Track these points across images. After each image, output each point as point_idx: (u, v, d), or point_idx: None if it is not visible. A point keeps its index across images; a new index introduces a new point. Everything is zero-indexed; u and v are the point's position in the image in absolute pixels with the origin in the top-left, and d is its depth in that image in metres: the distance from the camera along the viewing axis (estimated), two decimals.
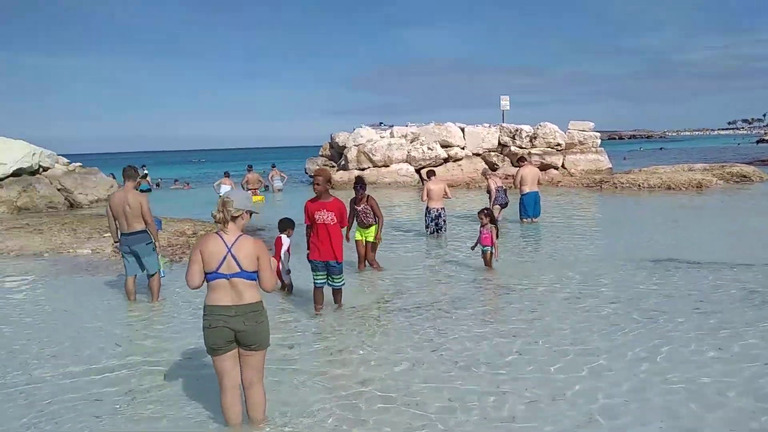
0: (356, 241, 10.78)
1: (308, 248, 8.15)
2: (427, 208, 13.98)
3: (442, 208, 13.89)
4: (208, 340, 4.81)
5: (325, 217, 7.83)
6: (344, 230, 8.90)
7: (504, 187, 15.75)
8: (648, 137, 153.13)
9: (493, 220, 10.50)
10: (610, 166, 32.30)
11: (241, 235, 4.88)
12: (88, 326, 7.97)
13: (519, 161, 16.85)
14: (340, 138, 32.50)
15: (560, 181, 26.57)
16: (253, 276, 4.84)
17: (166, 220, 16.03)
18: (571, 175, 29.02)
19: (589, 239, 13.31)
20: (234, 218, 4.87)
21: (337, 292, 8.29)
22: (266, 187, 28.08)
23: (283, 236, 9.42)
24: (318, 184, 7.87)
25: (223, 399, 4.95)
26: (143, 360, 6.66)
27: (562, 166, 31.27)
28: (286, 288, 9.30)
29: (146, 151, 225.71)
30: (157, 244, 9.11)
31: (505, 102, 35.72)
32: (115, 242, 9.12)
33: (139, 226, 8.78)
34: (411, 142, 31.52)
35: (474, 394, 5.50)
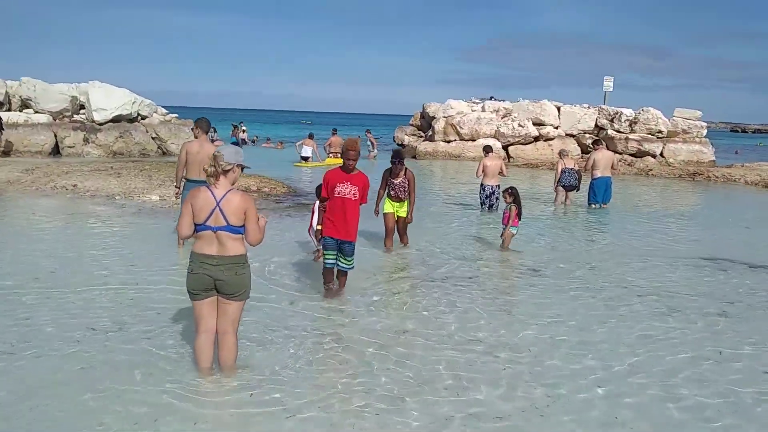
0: (386, 214, 9.99)
1: (319, 222, 7.52)
2: (482, 184, 13.74)
3: (497, 186, 13.56)
4: (188, 284, 5.00)
5: (346, 190, 7.09)
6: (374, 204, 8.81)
7: (575, 170, 15.21)
8: None
9: (517, 200, 10.15)
10: (713, 158, 30.43)
11: (230, 190, 4.99)
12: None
13: (594, 144, 16.19)
14: (431, 108, 32.26)
15: (651, 170, 25.32)
16: (239, 230, 4.97)
17: (243, 175, 16.56)
18: (669, 165, 27.58)
19: (650, 231, 12.64)
20: (225, 172, 4.98)
21: (343, 275, 7.49)
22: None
23: (317, 203, 9.21)
24: (351, 160, 7.14)
25: (196, 342, 5.17)
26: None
27: (661, 154, 29.78)
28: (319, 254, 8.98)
29: (255, 109, 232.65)
30: (176, 189, 9.62)
31: (608, 83, 34.31)
32: (177, 188, 9.57)
33: None
34: (502, 118, 30.89)
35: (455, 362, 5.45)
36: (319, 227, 7.46)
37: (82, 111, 24.27)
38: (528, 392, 5.08)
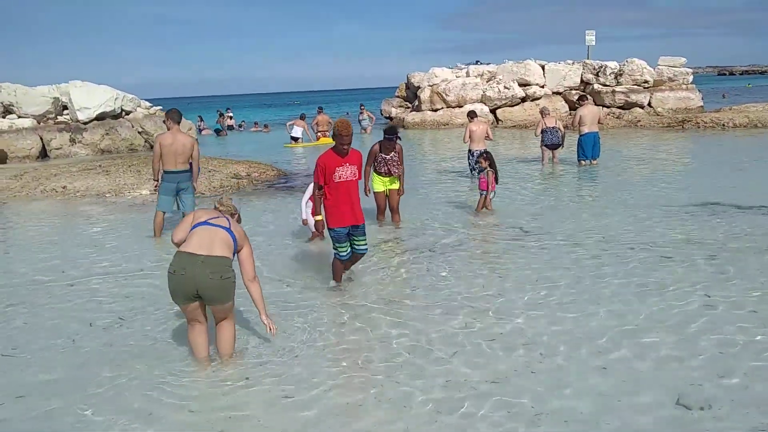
0: (377, 194, 9.81)
1: (316, 213, 6.82)
2: (470, 150, 13.75)
3: (485, 150, 13.55)
4: (170, 285, 4.89)
5: (347, 173, 6.56)
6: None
7: (557, 128, 15.16)
8: (762, 72, 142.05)
9: (492, 165, 10.19)
10: (701, 104, 30.38)
11: (232, 222, 5.15)
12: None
13: (579, 100, 16.16)
14: (416, 78, 32.05)
15: (640, 121, 25.26)
16: (235, 240, 5.00)
17: (232, 161, 16.60)
18: (658, 115, 27.51)
19: (643, 183, 12.68)
20: (232, 215, 5.29)
21: (358, 258, 7.02)
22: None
23: (311, 186, 9.04)
24: (345, 145, 6.49)
25: (189, 333, 5.23)
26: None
27: (649, 104, 29.72)
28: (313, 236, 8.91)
29: (239, 94, 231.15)
30: (195, 185, 9.64)
31: (590, 36, 34.11)
32: (156, 181, 9.58)
33: (186, 165, 9.36)
34: (487, 82, 30.75)
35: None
36: (319, 218, 6.79)
37: (65, 112, 24.08)
38: (525, 353, 5.16)
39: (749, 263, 7.16)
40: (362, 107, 29.84)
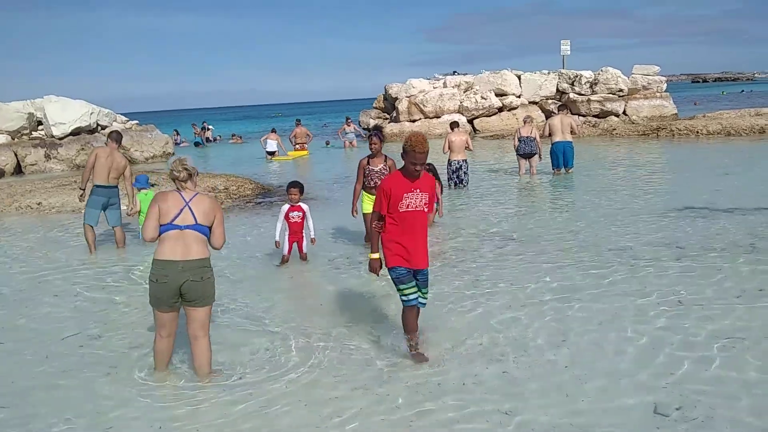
0: (366, 215, 8.56)
1: (373, 248, 5.48)
2: (449, 160, 13.82)
3: (464, 160, 13.72)
4: (152, 293, 4.96)
5: (417, 201, 5.20)
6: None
7: (532, 137, 15.24)
8: (734, 79, 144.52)
9: (436, 176, 9.86)
10: (675, 111, 30.88)
11: (198, 193, 5.11)
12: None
13: (559, 109, 16.39)
14: (393, 89, 32.20)
15: (615, 129, 25.51)
16: (206, 231, 5.02)
17: (210, 175, 16.51)
18: (633, 123, 27.84)
19: (612, 192, 12.78)
20: (191, 176, 5.12)
21: (418, 312, 5.49)
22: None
23: (285, 207, 8.42)
24: (418, 165, 5.11)
25: (157, 345, 5.19)
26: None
27: (624, 112, 30.13)
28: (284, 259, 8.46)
29: (219, 107, 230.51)
30: (133, 201, 9.93)
31: (565, 46, 34.59)
32: (82, 190, 9.80)
33: (116, 182, 9.74)
34: (464, 92, 30.97)
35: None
36: (376, 256, 5.45)
37: (40, 127, 23.87)
38: (507, 355, 5.19)
39: (717, 264, 7.27)
40: (348, 120, 29.76)
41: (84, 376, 5.36)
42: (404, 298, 5.32)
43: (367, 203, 8.49)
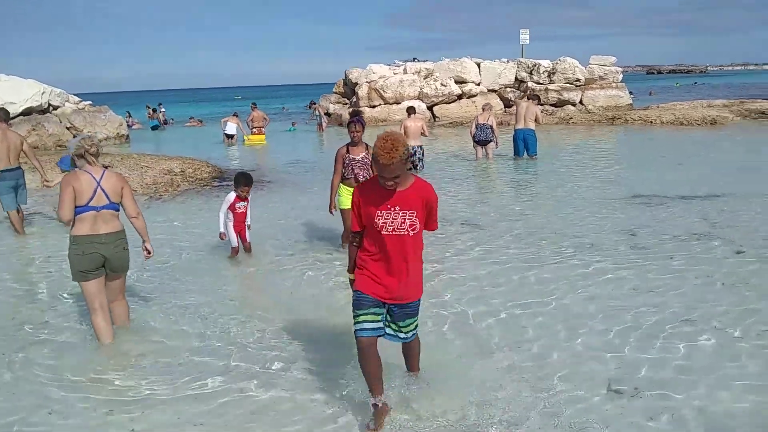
0: (343, 211, 7.68)
1: (351, 270, 4.20)
2: None
3: (419, 146, 13.84)
4: (80, 266, 5.22)
5: (396, 222, 3.90)
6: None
7: (488, 125, 15.30)
8: (687, 72, 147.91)
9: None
10: (630, 102, 31.49)
11: (105, 170, 5.38)
12: None
13: (529, 98, 16.60)
14: (354, 74, 32.08)
15: (572, 118, 25.92)
16: (117, 206, 5.38)
17: (166, 158, 16.25)
18: (589, 112, 28.29)
19: (570, 177, 13.02)
20: (98, 154, 5.39)
21: (411, 349, 4.44)
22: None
23: (231, 195, 7.94)
24: (389, 181, 3.81)
25: (95, 319, 5.38)
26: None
27: (581, 102, 30.58)
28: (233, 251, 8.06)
29: (181, 89, 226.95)
30: (45, 179, 9.70)
31: (524, 35, 34.87)
32: None
33: (17, 162, 9.51)
34: (424, 79, 31.01)
35: None
36: (352, 277, 4.18)
37: None
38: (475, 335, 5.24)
39: (669, 249, 7.49)
40: (313, 104, 29.51)
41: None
42: (356, 326, 3.99)
43: (346, 197, 7.46)
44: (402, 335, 4.18)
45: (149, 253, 5.63)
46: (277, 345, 5.38)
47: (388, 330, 4.14)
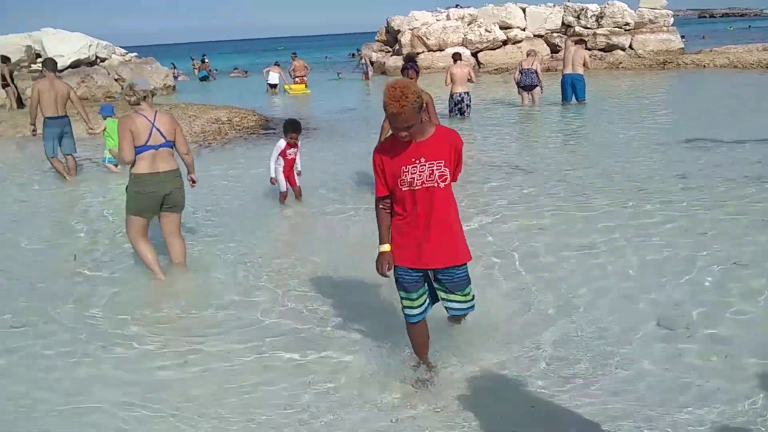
0: None
1: (383, 240, 3.80)
2: (451, 92, 13.73)
3: (466, 93, 13.64)
4: (139, 204, 5.57)
5: (424, 175, 3.61)
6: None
7: (533, 69, 15.03)
8: (741, 15, 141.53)
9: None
10: (682, 46, 30.35)
11: (157, 111, 5.64)
12: None
13: (576, 43, 16.20)
14: (396, 22, 31.60)
15: (621, 63, 25.24)
16: (172, 144, 5.68)
17: (213, 107, 16.43)
18: (639, 57, 27.46)
19: (620, 122, 12.78)
20: (144, 98, 5.56)
21: (457, 320, 4.36)
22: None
23: (281, 142, 7.94)
24: (402, 131, 3.51)
25: (142, 245, 5.74)
26: None
27: (630, 46, 29.65)
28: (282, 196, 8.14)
29: (226, 40, 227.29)
30: (90, 126, 10.54)
31: None
32: (33, 125, 9.84)
33: (65, 111, 9.77)
34: (468, 25, 30.41)
35: None
36: (386, 248, 3.79)
37: (39, 60, 23.57)
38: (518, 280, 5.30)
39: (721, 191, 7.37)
40: (358, 51, 29.13)
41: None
42: (405, 311, 3.89)
43: None
44: (454, 306, 3.95)
45: (194, 182, 6.09)
46: (324, 290, 5.42)
47: (444, 303, 3.95)
